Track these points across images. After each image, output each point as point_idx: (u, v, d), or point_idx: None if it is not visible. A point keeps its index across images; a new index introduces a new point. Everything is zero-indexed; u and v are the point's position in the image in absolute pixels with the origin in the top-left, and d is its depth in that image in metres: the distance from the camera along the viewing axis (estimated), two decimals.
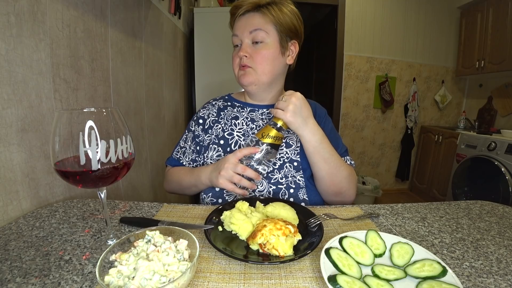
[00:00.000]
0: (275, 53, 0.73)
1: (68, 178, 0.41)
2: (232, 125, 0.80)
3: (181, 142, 0.87)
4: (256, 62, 0.73)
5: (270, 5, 0.72)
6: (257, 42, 0.72)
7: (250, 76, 0.73)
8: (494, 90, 2.73)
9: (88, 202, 0.67)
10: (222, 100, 0.88)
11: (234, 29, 0.76)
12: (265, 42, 0.72)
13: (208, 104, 0.88)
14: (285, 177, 0.73)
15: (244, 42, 0.73)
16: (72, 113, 0.40)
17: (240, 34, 0.73)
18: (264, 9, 0.72)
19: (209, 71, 2.09)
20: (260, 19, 0.72)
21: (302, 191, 0.73)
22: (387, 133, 3.12)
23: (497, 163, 2.06)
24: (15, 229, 0.52)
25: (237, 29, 0.74)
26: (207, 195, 0.75)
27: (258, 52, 0.72)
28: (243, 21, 0.73)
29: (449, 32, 2.98)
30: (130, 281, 0.33)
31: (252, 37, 0.72)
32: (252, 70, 0.73)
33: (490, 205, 0.70)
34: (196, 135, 0.83)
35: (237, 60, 0.75)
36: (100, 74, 0.91)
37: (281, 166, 0.74)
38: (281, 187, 0.72)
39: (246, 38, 0.73)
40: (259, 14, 0.72)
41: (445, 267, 0.39)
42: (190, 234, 0.40)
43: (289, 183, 0.72)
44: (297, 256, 0.43)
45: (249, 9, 0.72)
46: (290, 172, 0.73)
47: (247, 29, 0.72)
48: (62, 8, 0.71)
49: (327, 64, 3.10)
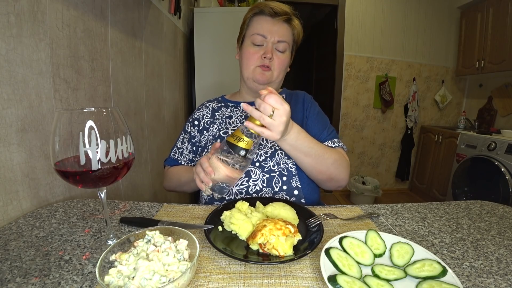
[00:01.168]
0: (288, 62, 0.82)
1: (68, 178, 0.41)
2: (227, 124, 0.83)
3: (178, 143, 0.89)
4: (275, 65, 0.78)
5: (292, 19, 0.78)
6: (280, 50, 0.78)
7: (269, 77, 0.78)
8: (494, 90, 2.73)
9: (88, 202, 0.67)
10: (216, 101, 0.91)
11: (260, 28, 0.77)
12: (285, 53, 0.79)
13: (202, 106, 0.91)
14: (277, 165, 0.74)
15: (270, 45, 0.77)
16: (72, 113, 0.40)
17: (269, 37, 0.76)
18: (293, 22, 0.78)
19: (209, 71, 2.09)
20: (288, 32, 0.78)
21: (295, 178, 0.74)
22: (387, 133, 3.12)
23: (497, 163, 2.06)
24: (15, 229, 0.52)
25: (267, 31, 0.76)
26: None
27: (278, 58, 0.78)
28: (275, 26, 0.76)
29: (449, 32, 2.98)
30: (130, 281, 0.33)
31: (277, 45, 0.77)
32: (271, 72, 0.78)
33: (490, 205, 0.70)
34: (192, 136, 0.86)
35: (257, 58, 0.77)
36: (100, 74, 0.91)
37: (272, 154, 0.75)
38: (274, 175, 0.73)
39: (272, 43, 0.77)
40: (288, 26, 0.78)
41: (445, 267, 0.39)
42: (190, 234, 0.40)
43: (282, 171, 0.74)
44: (297, 256, 0.43)
45: (283, 18, 0.76)
46: (282, 159, 0.75)
47: (278, 36, 0.76)
48: (62, 8, 0.71)
49: (327, 64, 3.10)
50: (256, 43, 0.78)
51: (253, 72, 0.78)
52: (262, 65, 0.77)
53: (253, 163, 0.74)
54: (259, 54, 0.77)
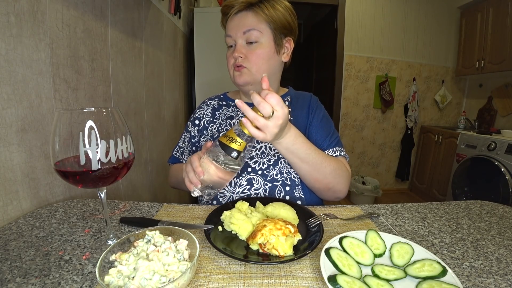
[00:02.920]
0: (270, 52, 0.72)
1: (68, 178, 0.41)
2: (227, 125, 0.80)
3: (180, 142, 0.88)
4: (251, 62, 0.71)
5: (262, 3, 0.70)
6: (251, 42, 0.71)
7: (246, 76, 0.72)
8: (494, 90, 2.73)
9: (88, 202, 0.67)
10: (218, 99, 0.88)
11: (227, 29, 0.74)
12: (260, 42, 0.71)
13: (203, 104, 0.88)
14: (280, 174, 0.72)
15: (238, 42, 0.72)
16: (72, 113, 0.40)
17: (233, 34, 0.72)
18: (257, 8, 0.70)
19: (209, 70, 2.09)
20: (253, 19, 0.70)
21: (298, 188, 0.72)
22: (387, 133, 3.12)
23: (497, 163, 2.06)
24: (15, 229, 0.52)
25: (230, 29, 0.72)
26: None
27: (253, 52, 0.71)
28: (236, 21, 0.72)
29: (449, 32, 2.98)
30: (130, 281, 0.33)
31: (246, 38, 0.71)
32: (248, 70, 0.72)
33: (490, 205, 0.70)
34: (192, 135, 0.85)
35: (232, 61, 0.73)
36: (100, 74, 0.91)
37: (275, 162, 0.73)
38: (276, 184, 0.71)
39: (240, 39, 0.71)
40: (252, 13, 0.70)
41: (445, 267, 0.39)
42: (190, 234, 0.40)
43: (285, 180, 0.72)
44: (297, 256, 0.43)
45: (241, 8, 0.71)
46: (285, 168, 0.73)
47: (240, 29, 0.70)
48: (62, 8, 0.71)
49: (327, 64, 3.10)
50: (228, 44, 0.75)
51: (233, 76, 0.75)
52: (235, 66, 0.72)
53: (255, 171, 0.73)
54: (232, 56, 0.73)
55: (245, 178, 0.72)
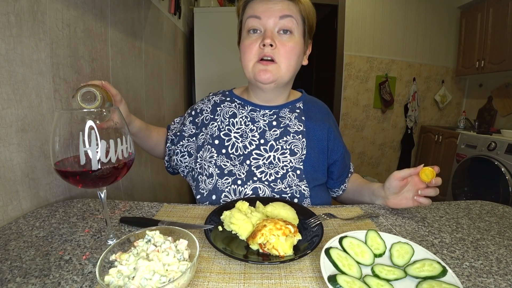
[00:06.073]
0: (300, 48, 0.63)
1: (68, 178, 0.41)
2: (229, 124, 0.72)
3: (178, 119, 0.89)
4: (281, 55, 0.61)
5: None
6: (286, 31, 0.60)
7: (272, 74, 0.61)
8: (494, 90, 2.73)
9: (88, 202, 0.67)
10: (221, 94, 0.80)
11: (254, 9, 0.62)
12: (294, 34, 0.61)
13: (205, 99, 0.82)
14: (289, 187, 0.67)
15: (269, 27, 0.60)
16: (72, 113, 0.40)
17: (265, 17, 0.59)
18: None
19: (209, 70, 2.09)
20: (291, 5, 0.61)
21: (307, 200, 0.68)
22: (387, 133, 3.12)
23: (497, 163, 2.06)
24: (15, 229, 0.52)
25: (261, 10, 0.60)
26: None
27: (285, 44, 0.60)
28: (270, 3, 0.60)
29: (449, 32, 2.98)
30: (130, 281, 0.33)
31: (281, 25, 0.60)
32: (276, 65, 0.61)
33: (490, 205, 0.70)
34: (183, 129, 0.81)
35: (255, 49, 0.61)
36: (100, 74, 0.91)
37: (283, 176, 0.68)
38: (285, 196, 0.66)
39: (273, 24, 0.60)
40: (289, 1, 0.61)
41: (445, 267, 0.39)
42: (190, 234, 0.40)
43: (294, 193, 0.67)
44: (297, 256, 0.43)
45: None
46: (293, 181, 0.67)
47: (277, 12, 0.59)
48: (62, 8, 0.71)
49: (327, 64, 3.10)
50: (251, 27, 0.62)
51: (253, 70, 0.63)
52: (263, 58, 0.61)
53: (261, 180, 0.67)
54: (256, 45, 0.61)
55: (251, 187, 0.67)
